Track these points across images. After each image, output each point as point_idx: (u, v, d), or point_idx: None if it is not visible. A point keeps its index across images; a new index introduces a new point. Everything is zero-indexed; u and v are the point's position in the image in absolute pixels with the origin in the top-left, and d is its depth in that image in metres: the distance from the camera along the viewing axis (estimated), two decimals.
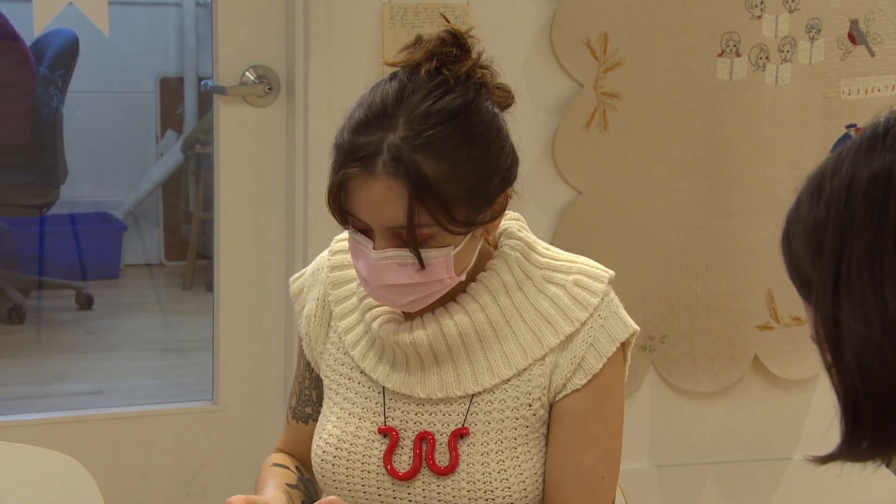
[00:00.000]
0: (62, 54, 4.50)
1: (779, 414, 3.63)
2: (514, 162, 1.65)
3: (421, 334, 1.64)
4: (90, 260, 5.06)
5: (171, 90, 5.39)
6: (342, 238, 1.76)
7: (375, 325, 1.67)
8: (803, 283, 0.96)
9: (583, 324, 1.63)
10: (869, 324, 0.88)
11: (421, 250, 1.56)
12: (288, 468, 1.78)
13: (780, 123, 3.37)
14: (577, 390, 1.62)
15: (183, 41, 5.35)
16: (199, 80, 5.24)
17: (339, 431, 1.68)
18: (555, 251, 1.71)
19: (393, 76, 1.61)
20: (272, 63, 3.22)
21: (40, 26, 3.06)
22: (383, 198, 1.55)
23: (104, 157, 5.35)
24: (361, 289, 1.70)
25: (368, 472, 1.65)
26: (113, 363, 4.59)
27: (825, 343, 0.93)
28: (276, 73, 3.22)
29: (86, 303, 4.91)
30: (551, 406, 1.64)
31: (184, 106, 5.39)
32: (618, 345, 1.64)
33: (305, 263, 3.26)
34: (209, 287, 3.81)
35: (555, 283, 1.66)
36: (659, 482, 3.57)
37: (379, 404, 1.67)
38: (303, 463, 1.80)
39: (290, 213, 3.25)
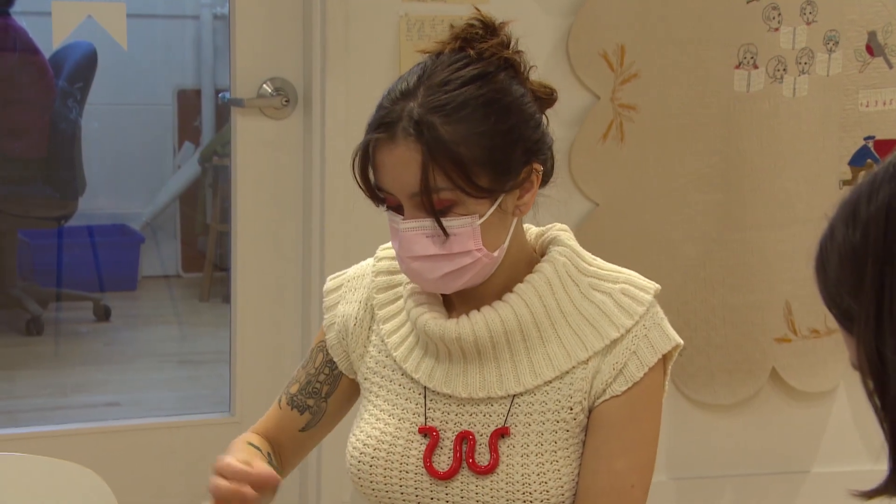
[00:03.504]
0: (81, 67, 4.51)
1: (797, 427, 3.62)
2: (544, 139, 1.66)
3: (466, 329, 1.64)
4: (108, 272, 5.08)
5: (188, 102, 5.41)
6: (387, 246, 1.78)
7: (421, 320, 1.67)
8: (841, 312, 0.93)
9: (627, 330, 1.64)
10: None
11: (445, 219, 1.58)
12: (260, 451, 1.78)
13: (797, 135, 3.36)
14: (617, 396, 1.63)
15: (200, 54, 5.36)
16: (217, 92, 5.26)
17: (378, 433, 1.68)
18: (602, 262, 1.72)
19: (419, 63, 1.64)
20: (289, 75, 3.23)
21: (59, 39, 3.08)
22: (403, 162, 1.58)
23: (122, 169, 5.37)
24: (407, 290, 1.71)
25: (407, 472, 1.66)
26: (130, 375, 4.60)
27: (869, 376, 0.91)
28: (294, 86, 3.23)
29: (103, 314, 4.92)
30: (590, 411, 1.64)
31: (201, 118, 5.40)
32: (660, 356, 1.65)
33: (322, 275, 3.27)
34: (226, 299, 3.82)
35: (601, 291, 1.67)
36: (676, 495, 3.56)
37: (420, 405, 1.68)
38: (277, 449, 1.80)
39: (307, 224, 3.25)
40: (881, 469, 1.02)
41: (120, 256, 5.18)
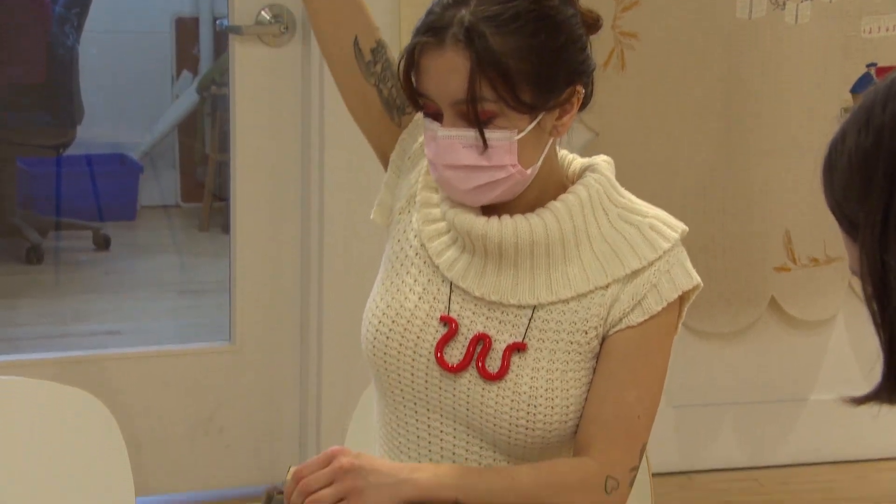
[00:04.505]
0: None
1: (795, 355, 3.63)
2: (588, 62, 1.66)
3: (494, 229, 1.65)
4: (107, 201, 5.08)
5: (186, 30, 5.37)
6: None
7: (451, 212, 1.68)
8: (846, 217, 0.93)
9: (650, 263, 1.65)
10: None
11: (484, 130, 1.59)
12: None
13: (799, 63, 3.34)
14: (632, 327, 1.63)
15: None
16: (215, 19, 5.22)
17: (399, 305, 1.69)
18: (635, 197, 1.73)
19: None
20: (287, 2, 3.20)
21: None
22: (449, 69, 1.58)
23: (120, 98, 5.35)
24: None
25: (419, 356, 1.67)
26: (130, 304, 4.61)
27: (869, 283, 0.91)
28: (292, 13, 3.20)
29: (103, 244, 4.92)
30: (604, 339, 1.65)
31: (199, 46, 5.37)
32: (679, 293, 1.66)
33: (322, 205, 3.27)
34: (225, 229, 3.81)
35: (629, 223, 1.68)
36: (676, 423, 3.58)
37: (443, 293, 1.69)
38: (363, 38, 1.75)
39: (306, 152, 3.24)
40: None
41: (119, 186, 5.18)
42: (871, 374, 1.00)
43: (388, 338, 1.69)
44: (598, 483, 1.61)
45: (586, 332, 1.64)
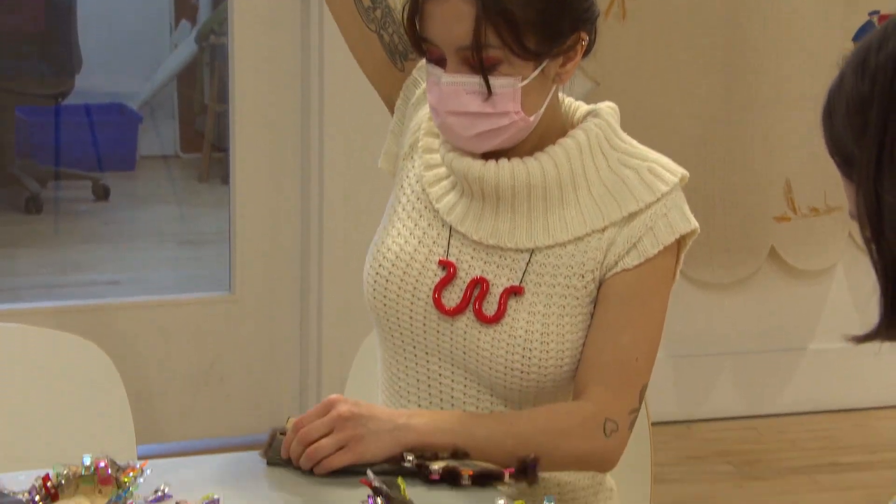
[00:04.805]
0: None
1: (795, 305, 3.64)
2: (592, 9, 1.67)
3: (491, 172, 1.65)
4: (106, 151, 5.06)
5: None
6: None
7: (449, 156, 1.68)
8: (844, 159, 0.95)
9: (648, 206, 1.65)
10: None
11: (489, 77, 1.59)
12: None
13: (800, 12, 3.32)
14: (628, 270, 1.64)
15: None
16: None
17: (399, 248, 1.70)
18: (636, 142, 1.73)
19: None
20: None
21: None
22: (454, 15, 1.59)
23: (118, 47, 5.32)
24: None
25: (417, 299, 1.68)
26: (130, 254, 4.61)
27: (866, 219, 0.92)
28: None
29: (102, 194, 4.91)
30: (601, 283, 1.65)
31: None
32: (676, 237, 1.65)
33: (321, 154, 3.27)
34: (225, 179, 3.81)
35: (628, 167, 1.68)
36: (674, 373, 3.60)
37: (443, 237, 1.70)
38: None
39: (306, 103, 3.23)
40: (877, 345, 1.03)
41: (118, 136, 5.17)
42: (869, 323, 1.00)
43: (387, 281, 1.69)
44: (597, 426, 1.61)
45: (583, 276, 1.65)
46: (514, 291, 1.65)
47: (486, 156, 1.69)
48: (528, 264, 1.66)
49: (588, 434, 1.61)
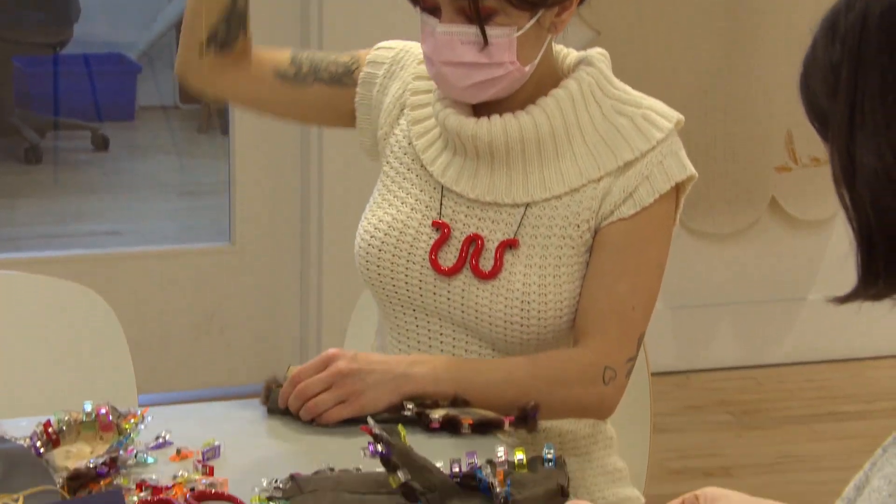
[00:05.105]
0: None
1: (795, 255, 3.64)
2: None
3: (484, 129, 1.65)
4: (105, 101, 5.05)
5: None
6: None
7: (442, 114, 1.67)
8: (822, 123, 0.96)
9: (643, 154, 1.64)
10: (882, 156, 0.90)
11: (484, 27, 1.58)
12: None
13: None
14: (624, 219, 1.63)
15: None
16: None
17: (391, 218, 1.70)
18: (629, 88, 1.72)
19: None
20: None
21: None
22: None
23: None
24: (437, 91, 1.71)
25: (413, 263, 1.68)
26: (130, 204, 4.61)
27: (841, 179, 0.93)
28: None
29: (102, 144, 4.90)
30: (596, 232, 1.65)
31: None
32: (672, 184, 1.65)
33: None
34: (224, 130, 3.80)
35: (622, 114, 1.67)
36: (673, 323, 3.61)
37: (435, 199, 1.69)
38: (253, 60, 1.76)
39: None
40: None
41: (117, 86, 5.15)
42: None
43: (380, 251, 1.69)
44: (596, 374, 1.62)
45: (578, 226, 1.64)
46: (510, 245, 1.65)
47: (479, 111, 1.68)
48: (522, 217, 1.65)
49: (587, 382, 1.62)
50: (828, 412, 3.42)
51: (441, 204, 1.69)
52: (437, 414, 1.55)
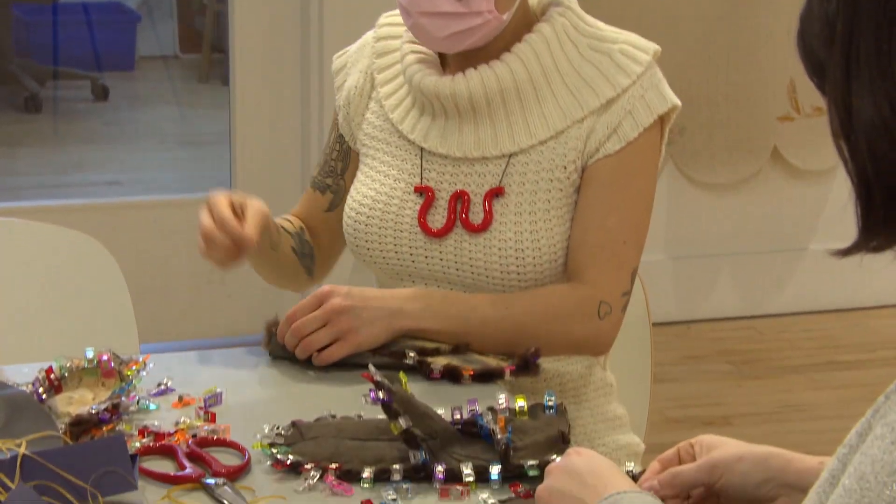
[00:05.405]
0: None
1: (796, 205, 3.64)
2: None
3: (461, 85, 1.64)
4: (105, 50, 5.03)
5: None
6: (389, 14, 1.76)
7: (416, 77, 1.67)
8: (819, 76, 0.96)
9: (624, 90, 1.64)
10: (878, 105, 0.89)
11: None
12: (291, 222, 1.81)
13: None
14: (610, 155, 1.63)
15: None
16: None
17: (374, 192, 1.70)
18: (602, 24, 1.71)
19: None
20: None
21: None
22: None
23: None
24: (404, 50, 1.70)
25: (401, 231, 1.68)
26: (131, 154, 4.61)
27: (839, 130, 0.93)
28: None
29: (102, 94, 4.89)
30: (583, 170, 1.65)
31: None
32: (656, 117, 1.64)
33: (321, 57, 3.23)
34: (225, 80, 3.79)
35: (600, 52, 1.66)
36: (674, 273, 3.61)
37: (416, 165, 1.69)
38: (309, 230, 1.82)
39: (305, 2, 3.20)
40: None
41: (116, 35, 5.13)
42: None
43: (366, 225, 1.68)
44: (592, 309, 1.62)
45: (565, 168, 1.64)
46: (496, 193, 1.65)
47: (452, 64, 1.67)
48: (506, 166, 1.65)
49: (583, 317, 1.62)
50: (827, 361, 3.43)
51: (422, 168, 1.68)
52: (438, 363, 1.56)
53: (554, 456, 1.31)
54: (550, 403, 1.43)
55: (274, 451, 1.34)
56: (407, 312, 1.57)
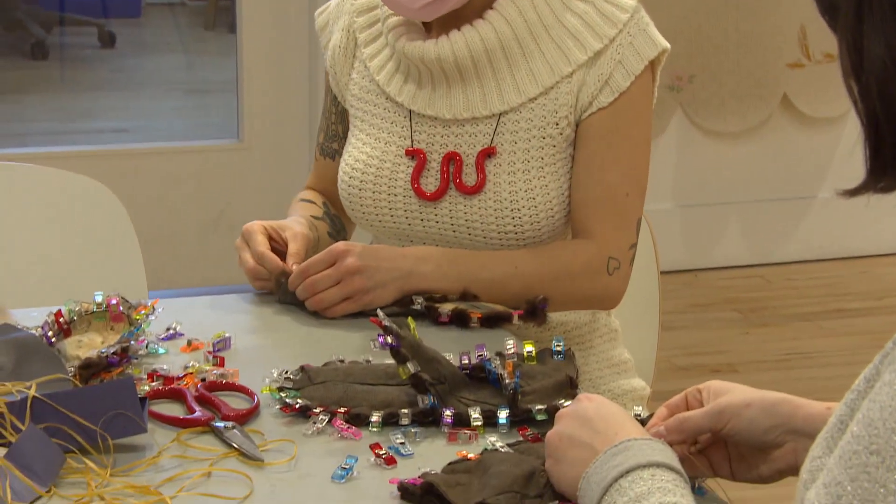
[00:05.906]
0: None
1: (806, 153, 3.63)
2: None
3: (446, 49, 1.63)
4: None
5: None
6: None
7: (399, 43, 1.65)
8: (831, 15, 0.95)
9: (611, 40, 1.62)
10: (889, 46, 0.89)
11: None
12: (314, 203, 1.80)
13: None
14: (603, 108, 1.62)
15: None
16: None
17: (366, 156, 1.69)
18: None
19: None
20: None
21: None
22: None
23: None
24: (385, 12, 1.68)
25: (395, 195, 1.67)
26: (138, 102, 4.60)
27: (849, 70, 0.93)
28: None
29: (108, 41, 4.87)
30: (577, 125, 1.64)
31: None
32: (647, 63, 1.63)
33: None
34: (232, 28, 3.78)
35: (583, 2, 1.65)
36: (682, 222, 3.60)
37: (405, 128, 1.68)
38: (330, 199, 1.82)
39: None
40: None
41: None
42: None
43: (360, 189, 1.68)
44: (601, 265, 1.62)
45: (557, 124, 1.63)
46: (489, 153, 1.64)
47: (434, 27, 1.66)
48: (497, 125, 1.64)
49: (592, 273, 1.62)
50: (835, 309, 3.43)
51: (412, 131, 1.67)
52: (446, 308, 1.56)
53: (562, 401, 1.31)
54: (558, 349, 1.43)
55: (283, 395, 1.34)
56: (418, 274, 1.57)
